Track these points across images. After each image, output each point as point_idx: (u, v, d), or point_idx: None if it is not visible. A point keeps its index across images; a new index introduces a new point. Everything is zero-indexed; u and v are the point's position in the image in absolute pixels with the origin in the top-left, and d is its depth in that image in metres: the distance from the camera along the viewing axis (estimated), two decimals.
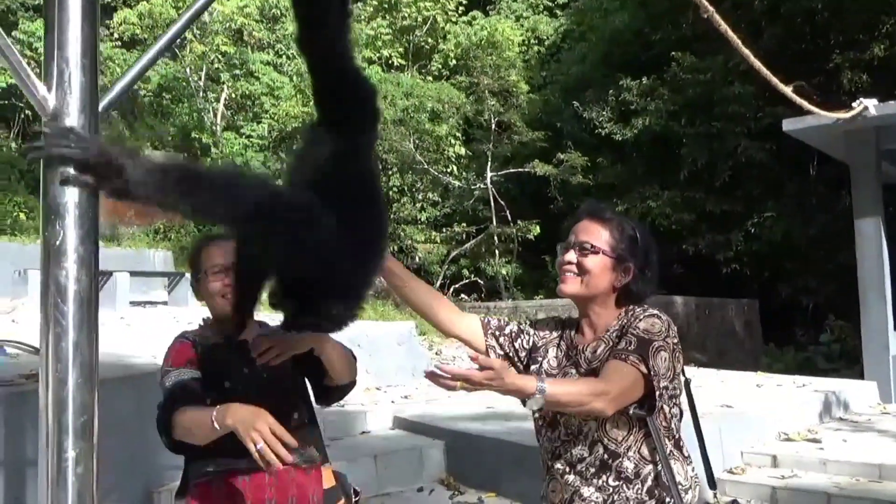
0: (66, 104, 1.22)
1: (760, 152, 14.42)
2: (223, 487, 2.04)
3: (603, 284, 2.03)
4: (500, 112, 16.94)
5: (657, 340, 1.93)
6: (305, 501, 2.10)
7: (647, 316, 2.00)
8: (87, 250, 1.23)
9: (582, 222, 2.10)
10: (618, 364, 1.90)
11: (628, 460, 1.96)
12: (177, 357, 2.14)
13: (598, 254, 2.03)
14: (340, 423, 5.22)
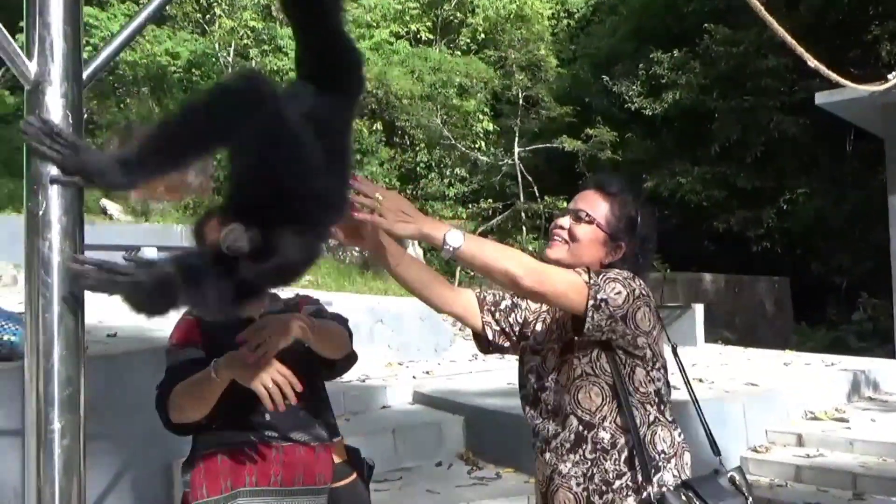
0: (48, 72, 1.19)
1: (794, 127, 14.12)
2: (228, 461, 2.03)
3: (589, 256, 1.97)
4: (528, 87, 16.75)
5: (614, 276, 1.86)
6: (312, 480, 2.07)
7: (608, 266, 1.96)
8: (71, 221, 1.21)
9: (586, 191, 2.05)
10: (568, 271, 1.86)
11: (604, 430, 1.89)
12: (180, 335, 2.11)
13: (592, 224, 1.97)
14: (361, 397, 5.24)
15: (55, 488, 1.20)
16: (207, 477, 2.04)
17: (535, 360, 2.04)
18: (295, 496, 2.04)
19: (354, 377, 5.65)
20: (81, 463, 1.24)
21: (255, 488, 2.01)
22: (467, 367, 6.22)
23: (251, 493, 2.01)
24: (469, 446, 4.77)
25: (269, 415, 2.02)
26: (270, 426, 2.04)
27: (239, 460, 2.03)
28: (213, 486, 2.02)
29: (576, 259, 1.97)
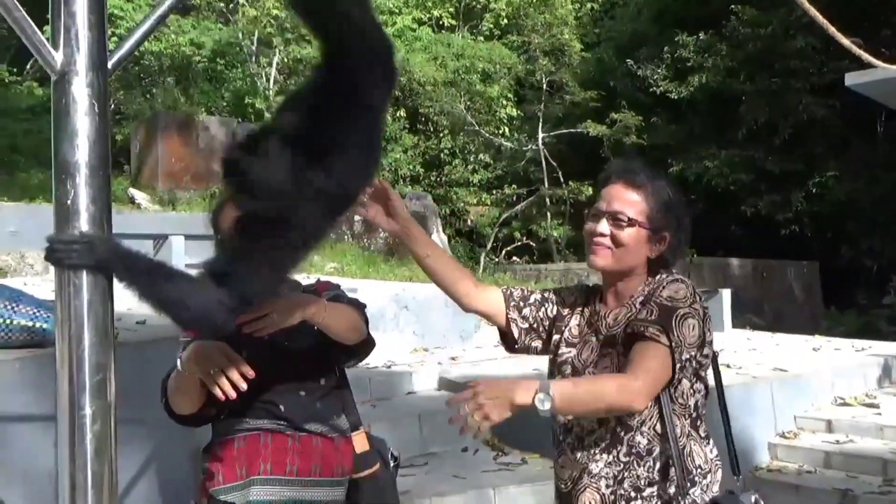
0: (73, 62, 1.21)
1: (823, 109, 13.90)
2: (245, 447, 2.02)
3: (635, 257, 1.89)
4: (552, 72, 16.63)
5: (682, 307, 1.78)
6: (330, 472, 2.06)
7: (672, 282, 1.85)
8: (99, 209, 1.23)
9: (614, 187, 1.93)
10: (642, 347, 1.74)
11: (641, 435, 1.82)
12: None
13: (635, 227, 1.87)
14: (387, 383, 5.26)
15: (87, 472, 1.22)
16: (224, 464, 2.03)
17: (571, 353, 1.97)
18: (312, 486, 2.03)
19: (380, 363, 5.67)
20: (113, 448, 1.26)
21: (269, 476, 2.00)
22: (493, 354, 6.22)
23: (265, 481, 2.00)
24: (495, 432, 4.78)
25: (283, 406, 2.02)
26: (284, 416, 2.03)
27: (254, 448, 2.02)
28: (230, 473, 2.02)
29: (623, 264, 1.90)
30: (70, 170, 1.20)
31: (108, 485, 1.26)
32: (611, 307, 1.95)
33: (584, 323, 1.99)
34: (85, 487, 1.22)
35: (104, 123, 1.23)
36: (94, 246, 1.23)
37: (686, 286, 1.84)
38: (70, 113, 1.20)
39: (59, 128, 1.21)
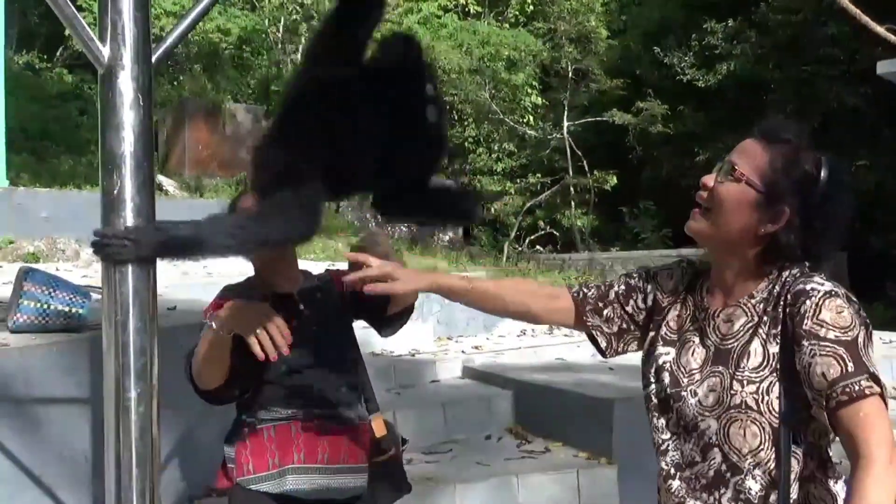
0: (119, 56, 1.25)
1: (854, 97, 13.69)
2: (276, 436, 2.03)
3: (735, 224, 1.49)
4: (577, 59, 16.52)
5: (857, 331, 1.40)
6: (355, 458, 2.09)
7: (825, 296, 1.43)
8: (144, 199, 1.28)
9: (746, 141, 1.56)
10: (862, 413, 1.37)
11: (753, 479, 1.47)
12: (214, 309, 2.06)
13: (740, 182, 1.48)
14: (411, 371, 5.31)
15: (132, 453, 1.27)
16: (253, 453, 2.03)
17: (669, 356, 1.61)
18: (340, 474, 2.06)
19: (405, 352, 5.72)
20: (155, 429, 1.31)
21: (303, 465, 2.01)
22: (516, 343, 6.24)
23: (299, 469, 2.01)
24: (518, 420, 4.81)
25: (315, 392, 2.04)
26: (317, 403, 2.05)
27: (285, 437, 2.02)
28: (260, 462, 2.02)
29: (719, 229, 1.52)
30: (116, 161, 1.25)
31: (151, 464, 1.31)
32: (719, 304, 1.58)
33: (687, 316, 1.63)
34: (130, 466, 1.27)
35: (148, 116, 1.27)
36: (141, 242, 1.27)
37: (842, 298, 1.44)
38: (116, 106, 1.24)
39: (105, 120, 1.25)
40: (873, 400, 1.37)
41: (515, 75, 16.27)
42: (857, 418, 1.37)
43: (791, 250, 1.48)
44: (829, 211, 1.47)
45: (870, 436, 1.36)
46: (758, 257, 1.51)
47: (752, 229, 1.49)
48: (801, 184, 1.47)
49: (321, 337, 2.10)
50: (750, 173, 1.48)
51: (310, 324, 2.10)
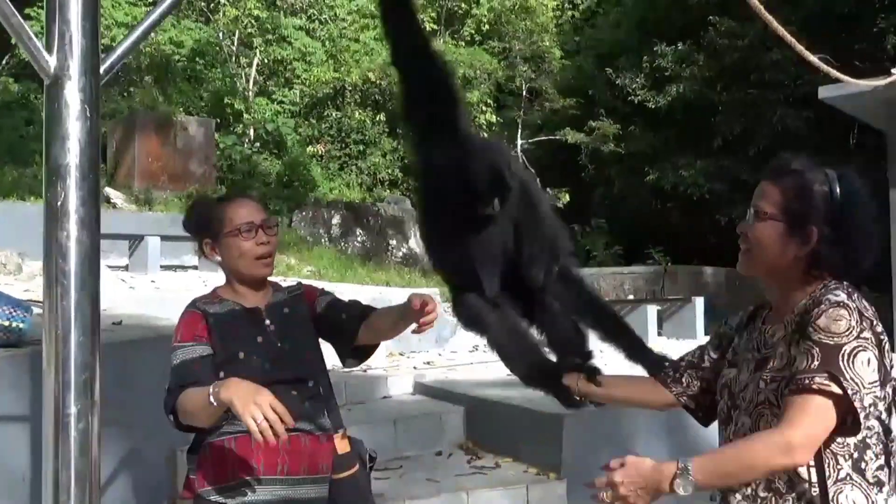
0: (66, 66, 1.23)
1: (798, 121, 14.11)
2: (236, 448, 2.04)
3: (773, 256, 1.66)
4: (531, 78, 16.75)
5: (848, 341, 1.51)
6: (315, 469, 2.09)
7: (833, 305, 1.56)
8: (89, 211, 1.25)
9: (761, 183, 1.73)
10: (799, 401, 1.51)
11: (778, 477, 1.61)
12: (186, 331, 2.08)
13: (766, 220, 1.66)
14: (362, 387, 5.29)
15: (71, 470, 1.24)
16: (214, 465, 2.04)
17: (731, 374, 1.79)
18: (299, 485, 2.06)
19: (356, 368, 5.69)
20: (96, 447, 1.28)
21: (262, 477, 2.02)
22: (468, 359, 6.26)
23: (259, 481, 2.02)
24: (469, 436, 4.82)
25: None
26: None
27: (245, 449, 2.02)
28: (220, 473, 2.03)
29: (760, 265, 1.71)
30: (61, 172, 1.23)
31: (90, 483, 1.28)
32: (773, 321, 1.75)
33: (748, 341, 1.80)
34: (68, 485, 1.24)
35: (95, 128, 1.25)
36: None
37: (849, 310, 1.55)
38: (62, 117, 1.22)
39: (50, 131, 1.23)
40: (820, 398, 1.50)
41: (470, 93, 16.39)
42: (797, 404, 1.51)
43: (830, 262, 1.63)
44: (854, 220, 1.63)
45: (797, 419, 1.50)
46: (803, 277, 1.67)
47: (790, 255, 1.65)
48: (821, 202, 1.62)
49: (287, 351, 2.12)
50: (771, 209, 1.66)
51: (276, 338, 2.12)
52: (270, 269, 2.19)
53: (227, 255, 2.14)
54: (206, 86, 16.97)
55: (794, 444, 1.48)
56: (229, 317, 2.11)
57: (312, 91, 16.68)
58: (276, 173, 15.35)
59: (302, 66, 17.06)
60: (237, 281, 2.18)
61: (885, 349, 1.56)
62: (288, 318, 2.16)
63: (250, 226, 2.11)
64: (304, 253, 11.32)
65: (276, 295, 2.24)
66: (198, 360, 2.03)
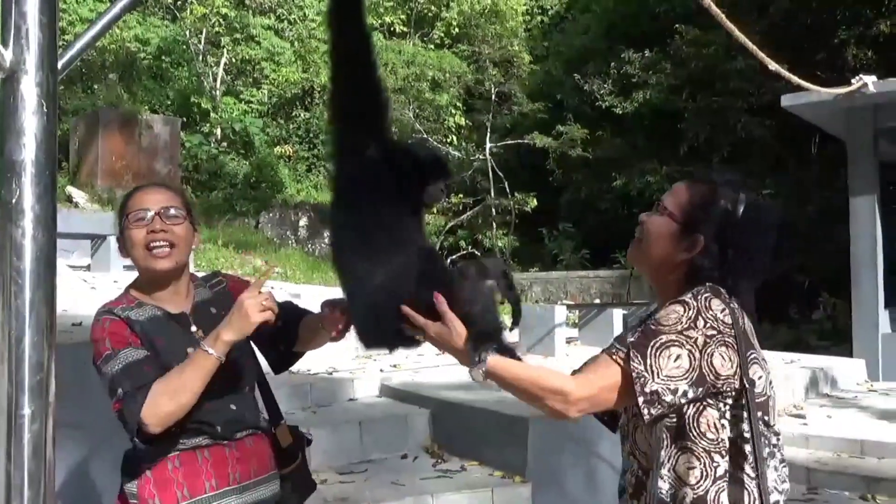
0: (23, 61, 1.20)
1: (761, 128, 14.36)
2: (181, 467, 1.91)
3: (659, 252, 1.69)
4: (500, 82, 16.83)
5: (666, 333, 1.56)
6: (265, 469, 2.04)
7: (673, 302, 1.61)
8: (45, 208, 1.22)
9: (676, 183, 1.78)
10: (602, 359, 1.61)
11: (662, 480, 1.59)
12: (115, 338, 1.87)
13: (663, 215, 1.70)
14: (328, 389, 5.25)
15: (24, 472, 1.21)
16: (159, 487, 1.89)
17: None
18: (253, 489, 2.00)
19: (322, 370, 5.65)
20: (50, 449, 1.25)
21: (217, 492, 1.92)
22: (434, 361, 6.25)
23: (214, 497, 1.92)
24: (435, 439, 4.82)
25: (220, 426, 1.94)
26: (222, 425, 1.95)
27: (192, 466, 1.91)
28: (168, 496, 1.88)
29: (645, 257, 1.73)
30: (16, 168, 1.20)
31: (44, 485, 1.25)
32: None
33: None
34: (21, 487, 1.21)
35: (52, 123, 1.22)
36: None
37: (685, 307, 1.59)
38: (18, 111, 1.20)
39: (6, 126, 1.20)
40: (612, 364, 1.58)
41: (439, 96, 16.43)
42: (596, 361, 1.63)
43: (705, 274, 1.65)
44: (745, 242, 1.65)
45: (587, 377, 1.60)
46: (679, 282, 1.68)
47: (672, 256, 1.68)
48: (718, 217, 1.65)
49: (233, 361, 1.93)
50: (672, 207, 1.69)
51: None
52: (169, 262, 1.94)
53: (127, 251, 1.97)
54: (173, 84, 16.79)
55: (574, 396, 1.54)
56: (154, 325, 1.93)
57: (281, 91, 16.59)
58: (243, 174, 15.23)
59: (270, 66, 16.96)
60: (144, 280, 1.99)
61: (710, 351, 1.55)
62: (216, 320, 1.92)
63: (142, 213, 1.92)
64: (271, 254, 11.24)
65: (198, 292, 2.07)
66: (145, 362, 1.84)
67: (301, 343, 2.14)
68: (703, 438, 1.58)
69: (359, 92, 1.77)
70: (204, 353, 1.80)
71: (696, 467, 1.56)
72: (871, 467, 4.86)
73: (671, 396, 1.54)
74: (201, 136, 15.55)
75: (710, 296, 1.62)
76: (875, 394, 6.91)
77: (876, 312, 8.43)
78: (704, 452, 1.57)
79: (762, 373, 1.62)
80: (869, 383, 7.48)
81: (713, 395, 1.57)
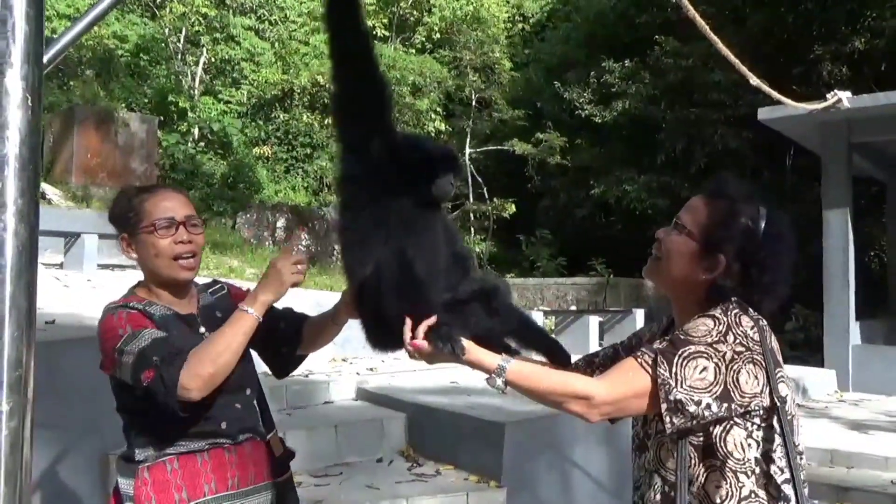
0: (9, 55, 1.19)
1: (737, 140, 14.54)
2: (180, 470, 1.90)
3: (678, 271, 1.67)
4: (481, 88, 16.89)
5: (695, 345, 1.55)
6: (262, 477, 2.03)
7: (703, 315, 1.61)
8: (27, 203, 1.21)
9: (693, 198, 1.73)
10: (627, 364, 1.59)
11: (690, 495, 1.59)
12: (135, 323, 1.86)
13: (682, 234, 1.67)
14: (303, 392, 5.23)
15: (0, 469, 1.20)
16: (157, 489, 1.88)
17: None
18: (250, 496, 1.99)
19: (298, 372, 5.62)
20: (27, 446, 1.24)
21: (215, 496, 1.91)
22: (411, 365, 6.25)
23: (212, 501, 1.91)
24: (410, 443, 4.81)
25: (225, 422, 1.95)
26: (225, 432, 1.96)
27: (192, 469, 1.91)
28: (166, 498, 1.88)
29: (665, 277, 1.71)
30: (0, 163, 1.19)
31: (19, 483, 1.23)
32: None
33: None
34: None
35: (37, 117, 1.21)
36: None
37: (716, 322, 1.59)
38: (2, 105, 1.19)
39: None
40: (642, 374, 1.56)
41: (420, 101, 16.44)
42: (622, 370, 1.60)
43: (729, 294, 1.63)
44: (768, 259, 1.62)
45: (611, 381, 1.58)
46: (700, 301, 1.66)
47: (692, 275, 1.66)
48: (740, 235, 1.62)
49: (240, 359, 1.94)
50: (691, 226, 1.66)
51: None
52: (192, 272, 1.99)
53: (143, 254, 1.95)
54: (150, 82, 16.63)
55: (597, 400, 1.55)
56: (166, 321, 1.94)
57: (260, 92, 16.49)
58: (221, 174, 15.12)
59: (250, 66, 16.87)
60: (155, 283, 1.99)
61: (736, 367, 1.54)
62: (222, 323, 1.94)
63: (169, 221, 1.93)
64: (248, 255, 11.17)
65: (202, 297, 2.09)
66: (171, 338, 1.84)
67: (305, 345, 2.17)
68: (731, 458, 1.57)
69: (360, 89, 1.76)
70: (243, 312, 1.84)
71: (722, 486, 1.57)
72: (841, 476, 4.93)
73: (694, 408, 1.53)
74: (178, 136, 15.42)
75: (740, 312, 1.61)
76: (845, 404, 7.01)
77: (847, 324, 8.56)
78: (731, 472, 1.57)
79: (787, 391, 1.61)
80: (839, 394, 7.60)
81: (741, 415, 1.56)
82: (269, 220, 13.51)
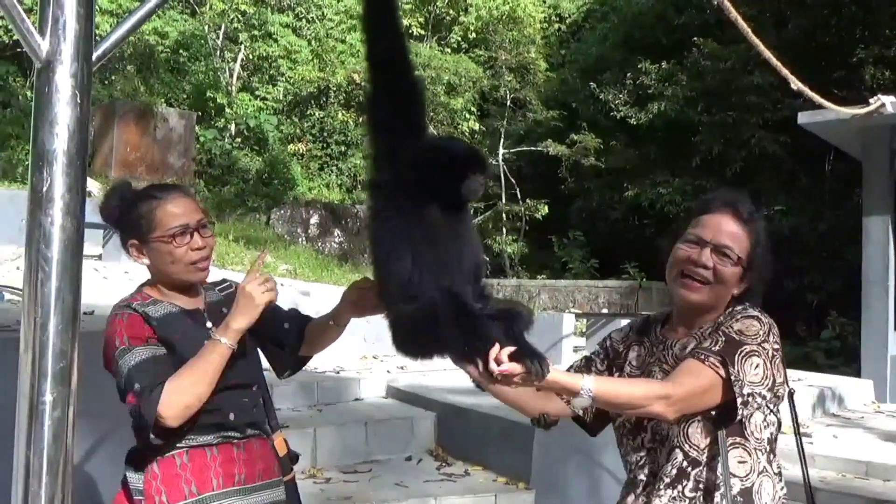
0: (59, 51, 1.22)
1: (775, 144, 14.30)
2: (190, 463, 1.92)
3: (726, 293, 1.85)
4: (516, 89, 16.85)
5: (749, 344, 1.75)
6: (269, 473, 2.04)
7: (746, 317, 1.81)
8: (74, 198, 1.24)
9: (720, 217, 1.85)
10: (692, 364, 1.73)
11: (711, 470, 1.77)
12: (132, 332, 1.89)
13: (737, 266, 1.82)
14: (334, 389, 5.27)
15: (43, 458, 1.23)
16: (166, 483, 1.90)
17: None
18: (258, 492, 2.00)
19: (329, 369, 5.66)
20: (70, 435, 1.27)
21: (223, 490, 1.93)
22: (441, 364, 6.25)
23: (219, 496, 1.92)
24: (439, 442, 4.82)
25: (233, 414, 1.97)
26: (233, 425, 1.98)
27: (201, 463, 1.92)
28: (175, 492, 1.89)
29: (716, 299, 1.85)
30: (48, 158, 1.21)
31: (62, 472, 1.26)
32: (679, 335, 1.91)
33: (646, 353, 1.96)
34: (40, 473, 1.23)
35: (85, 114, 1.24)
36: None
37: (760, 323, 1.80)
38: (52, 102, 1.21)
39: (39, 115, 1.21)
40: (709, 371, 1.71)
41: (454, 100, 16.45)
42: (687, 367, 1.73)
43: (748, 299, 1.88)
44: (767, 261, 1.88)
45: (682, 378, 1.71)
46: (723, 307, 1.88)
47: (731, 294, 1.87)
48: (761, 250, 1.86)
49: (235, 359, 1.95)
50: (741, 254, 1.83)
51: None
52: (207, 272, 2.02)
53: (157, 260, 1.97)
54: (189, 78, 16.84)
55: (674, 398, 1.67)
56: (170, 320, 1.95)
57: (296, 89, 16.63)
58: (256, 170, 15.27)
59: (287, 63, 17.00)
60: (166, 286, 2.01)
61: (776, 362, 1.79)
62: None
63: (184, 229, 1.93)
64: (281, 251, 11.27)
65: (209, 294, 2.12)
66: (161, 359, 1.87)
67: (307, 346, 2.18)
68: (752, 437, 1.79)
69: (395, 94, 1.78)
70: (215, 342, 1.87)
71: (746, 462, 1.78)
72: (877, 490, 4.83)
73: (757, 399, 1.75)
74: (216, 131, 15.61)
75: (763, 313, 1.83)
76: (882, 415, 6.87)
77: (886, 334, 8.38)
78: (753, 449, 1.79)
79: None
80: (876, 404, 7.45)
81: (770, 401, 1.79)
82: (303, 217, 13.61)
